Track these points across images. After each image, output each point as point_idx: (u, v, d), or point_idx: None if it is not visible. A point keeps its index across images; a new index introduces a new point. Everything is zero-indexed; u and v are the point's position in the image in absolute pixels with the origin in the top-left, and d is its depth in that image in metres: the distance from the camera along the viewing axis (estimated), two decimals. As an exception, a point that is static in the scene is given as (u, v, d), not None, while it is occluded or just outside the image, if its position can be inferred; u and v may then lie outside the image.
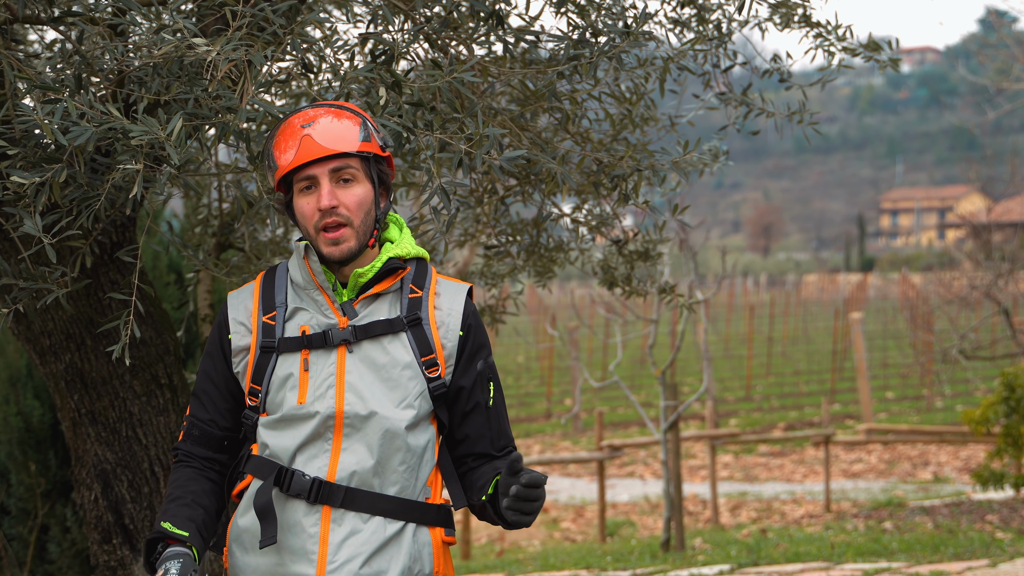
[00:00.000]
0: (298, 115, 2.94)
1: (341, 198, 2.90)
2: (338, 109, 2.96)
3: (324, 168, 2.90)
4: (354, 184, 2.92)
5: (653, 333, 11.10)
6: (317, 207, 2.89)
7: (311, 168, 2.90)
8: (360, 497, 2.90)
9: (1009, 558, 8.62)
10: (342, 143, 2.90)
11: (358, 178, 2.92)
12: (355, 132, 2.92)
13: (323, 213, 2.89)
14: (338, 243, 2.91)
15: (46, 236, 3.27)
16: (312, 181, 2.91)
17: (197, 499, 2.97)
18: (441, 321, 2.98)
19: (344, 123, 2.93)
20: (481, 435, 3.01)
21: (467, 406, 3.01)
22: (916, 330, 21.42)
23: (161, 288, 6.35)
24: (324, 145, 2.89)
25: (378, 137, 2.98)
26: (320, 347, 2.93)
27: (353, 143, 2.91)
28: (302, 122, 2.92)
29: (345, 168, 2.91)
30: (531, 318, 29.65)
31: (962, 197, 71.93)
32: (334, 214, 2.89)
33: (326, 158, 2.89)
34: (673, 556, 9.85)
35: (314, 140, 2.89)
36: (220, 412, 3.01)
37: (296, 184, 2.93)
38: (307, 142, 2.89)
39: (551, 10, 4.04)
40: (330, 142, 2.90)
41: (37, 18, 3.62)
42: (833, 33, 4.52)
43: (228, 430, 3.02)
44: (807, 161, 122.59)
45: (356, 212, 2.91)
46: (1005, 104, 21.56)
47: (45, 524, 5.96)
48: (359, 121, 2.95)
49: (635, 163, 4.24)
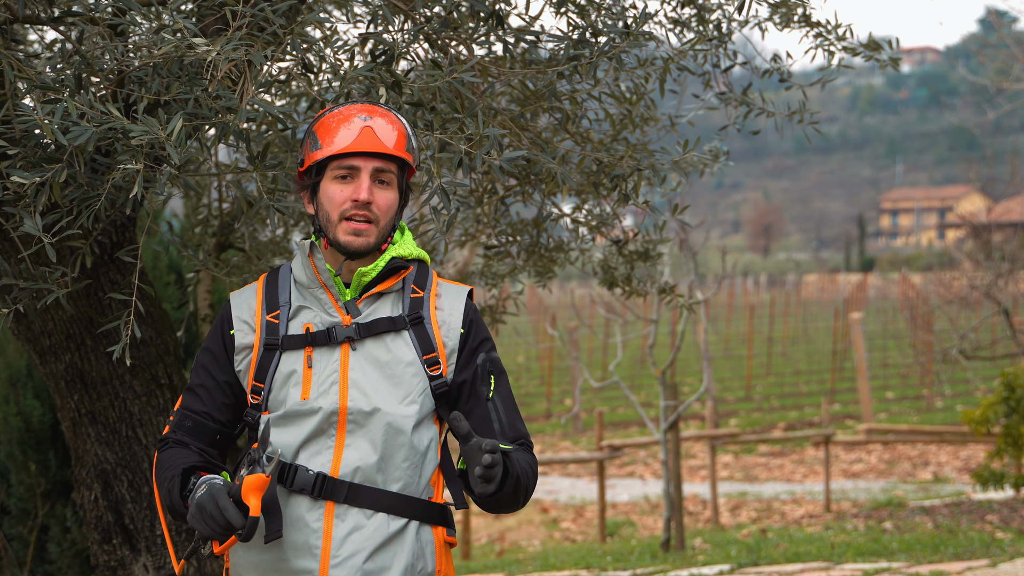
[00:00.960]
0: (355, 107, 2.99)
1: (376, 197, 2.95)
2: (392, 115, 3.01)
3: (370, 164, 2.94)
4: (388, 188, 2.97)
5: (653, 333, 11.10)
6: (352, 196, 2.93)
7: (359, 159, 2.94)
8: (363, 493, 2.91)
9: (1009, 558, 8.62)
10: (395, 146, 2.97)
11: (392, 184, 2.98)
12: (404, 141, 2.99)
13: (356, 204, 2.93)
14: (360, 235, 2.94)
15: (46, 236, 3.27)
16: (353, 172, 2.95)
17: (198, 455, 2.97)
18: (443, 320, 3.01)
19: (394, 127, 2.99)
20: (488, 429, 3.01)
21: (468, 399, 3.01)
22: (916, 330, 21.42)
23: (161, 288, 6.35)
24: (383, 142, 2.94)
25: (415, 151, 3.04)
26: (324, 344, 2.95)
27: (402, 149, 2.98)
28: (361, 113, 2.97)
29: (387, 171, 2.96)
30: (531, 318, 29.65)
31: (962, 197, 71.97)
32: (367, 209, 2.94)
33: (378, 155, 2.94)
34: (673, 556, 9.85)
35: (375, 134, 2.94)
36: (216, 407, 3.02)
37: (333, 170, 2.95)
38: (367, 132, 2.94)
39: (551, 10, 4.05)
40: (388, 141, 2.95)
41: (37, 18, 3.62)
42: (833, 33, 4.52)
43: (222, 425, 3.03)
44: (807, 161, 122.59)
45: (384, 214, 2.96)
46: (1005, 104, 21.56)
47: (45, 524, 5.96)
48: (407, 133, 3.01)
49: (635, 163, 4.24)
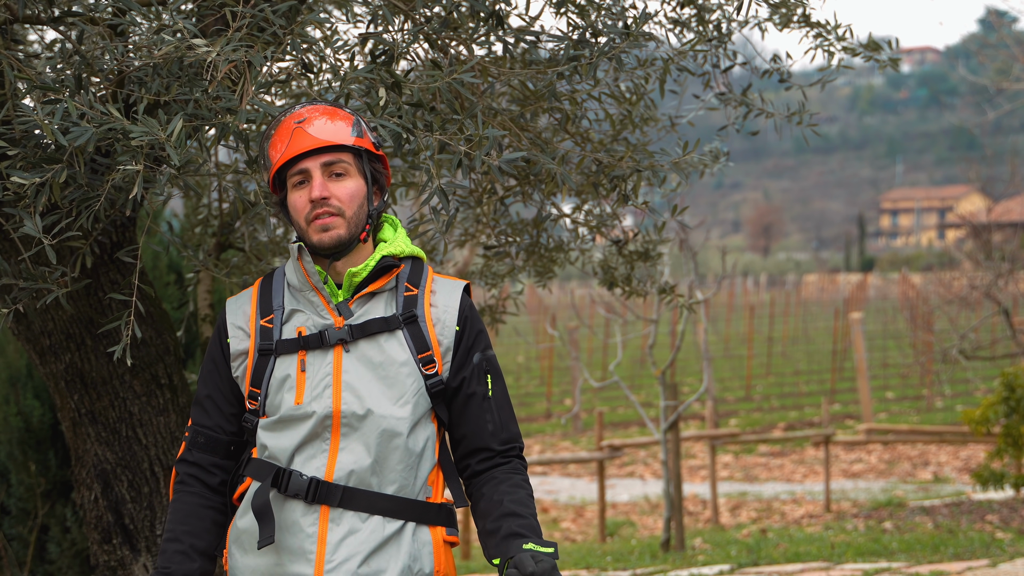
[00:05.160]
0: (291, 114, 2.96)
1: (333, 190, 2.92)
2: (332, 108, 2.98)
3: (316, 161, 2.92)
4: (346, 178, 2.93)
5: (653, 333, 11.10)
6: (309, 198, 2.91)
7: (303, 161, 2.92)
8: (358, 496, 2.90)
9: (1009, 558, 8.62)
10: (334, 136, 2.93)
11: (350, 173, 2.94)
12: (347, 128, 2.95)
13: (314, 204, 2.91)
14: (327, 229, 2.91)
15: (46, 236, 3.27)
16: (305, 175, 2.93)
17: (195, 543, 2.97)
18: (437, 318, 2.98)
19: (337, 121, 2.95)
20: (480, 428, 3.00)
21: (464, 399, 2.99)
22: (916, 330, 21.41)
23: (161, 288, 6.35)
24: (316, 137, 2.91)
25: (371, 135, 3.00)
26: (317, 347, 2.93)
27: (346, 137, 2.94)
28: (295, 119, 2.94)
29: (338, 162, 2.93)
30: (531, 318, 29.64)
31: (962, 197, 71.94)
32: (325, 204, 2.91)
33: (319, 151, 2.91)
34: (673, 556, 9.85)
35: (306, 132, 2.92)
36: (225, 417, 3.01)
37: (289, 180, 2.94)
38: (299, 134, 2.91)
39: (551, 10, 4.04)
40: (322, 134, 2.92)
41: (37, 18, 3.62)
42: (833, 33, 4.52)
43: (234, 435, 3.02)
44: (807, 161, 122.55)
45: (348, 204, 2.93)
46: (1005, 104, 21.55)
47: (45, 524, 5.96)
48: (352, 119, 2.97)
49: (635, 163, 4.24)
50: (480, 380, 3.01)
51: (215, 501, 3.03)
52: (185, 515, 3.00)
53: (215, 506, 3.02)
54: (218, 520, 3.02)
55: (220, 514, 3.03)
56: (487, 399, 3.01)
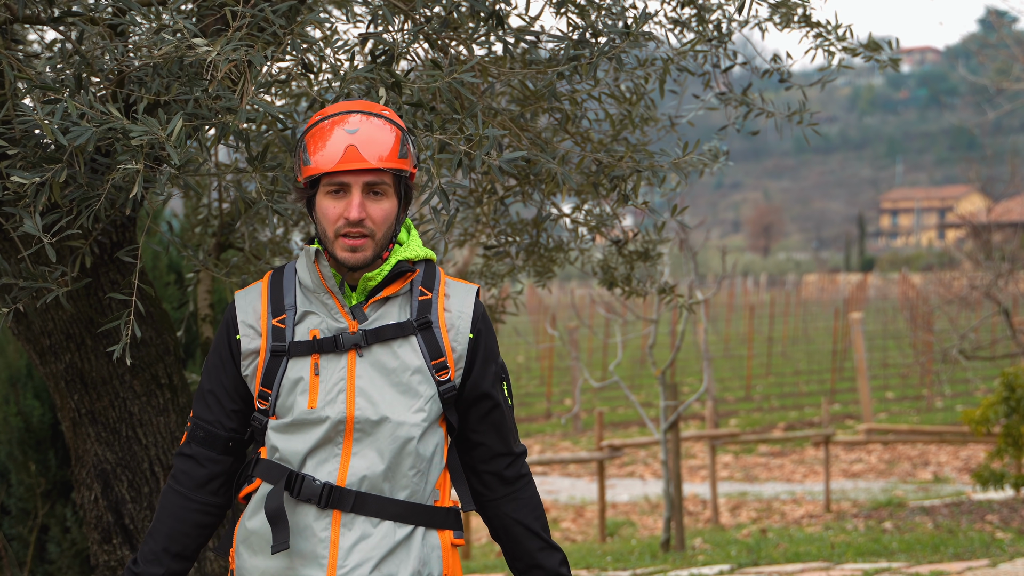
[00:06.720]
0: (341, 118, 2.89)
1: (369, 211, 2.87)
2: (381, 119, 2.91)
3: (360, 179, 2.87)
4: (383, 199, 2.89)
5: (653, 333, 11.10)
6: (344, 215, 2.87)
7: (348, 176, 2.87)
8: (370, 502, 2.89)
9: (1009, 558, 8.62)
10: (383, 159, 2.87)
11: (388, 194, 2.90)
12: (395, 148, 2.89)
13: (349, 222, 2.86)
14: (356, 251, 2.88)
15: (46, 236, 3.27)
16: (344, 188, 2.87)
17: (169, 547, 3.00)
18: (451, 324, 2.97)
19: (385, 135, 2.89)
20: (503, 434, 3.04)
21: (485, 408, 3.01)
22: (916, 330, 21.42)
23: (161, 288, 6.35)
24: (367, 158, 2.85)
25: (413, 153, 2.95)
26: (331, 351, 2.91)
27: (393, 159, 2.89)
28: (345, 127, 2.87)
29: (379, 183, 2.88)
30: (531, 318, 29.64)
31: (962, 197, 71.90)
32: (360, 226, 2.87)
33: (367, 170, 2.87)
34: (673, 556, 9.85)
35: (358, 152, 2.85)
36: (226, 413, 3.00)
37: (325, 185, 2.89)
38: (351, 152, 2.85)
39: (551, 10, 4.04)
40: (372, 155, 2.86)
41: (37, 18, 3.62)
42: (833, 33, 4.52)
43: (234, 431, 3.01)
44: (807, 161, 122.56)
45: (380, 225, 2.89)
46: (1005, 104, 21.55)
47: (45, 524, 5.96)
48: (399, 135, 2.91)
49: (635, 163, 4.24)
50: (497, 387, 3.03)
51: (201, 501, 3.02)
52: (167, 514, 3.02)
53: (200, 508, 3.02)
54: (201, 522, 3.02)
55: (205, 515, 3.03)
56: (506, 407, 3.05)
